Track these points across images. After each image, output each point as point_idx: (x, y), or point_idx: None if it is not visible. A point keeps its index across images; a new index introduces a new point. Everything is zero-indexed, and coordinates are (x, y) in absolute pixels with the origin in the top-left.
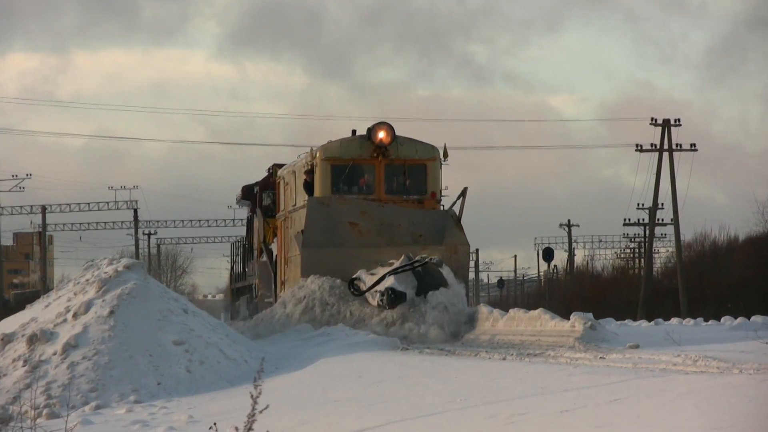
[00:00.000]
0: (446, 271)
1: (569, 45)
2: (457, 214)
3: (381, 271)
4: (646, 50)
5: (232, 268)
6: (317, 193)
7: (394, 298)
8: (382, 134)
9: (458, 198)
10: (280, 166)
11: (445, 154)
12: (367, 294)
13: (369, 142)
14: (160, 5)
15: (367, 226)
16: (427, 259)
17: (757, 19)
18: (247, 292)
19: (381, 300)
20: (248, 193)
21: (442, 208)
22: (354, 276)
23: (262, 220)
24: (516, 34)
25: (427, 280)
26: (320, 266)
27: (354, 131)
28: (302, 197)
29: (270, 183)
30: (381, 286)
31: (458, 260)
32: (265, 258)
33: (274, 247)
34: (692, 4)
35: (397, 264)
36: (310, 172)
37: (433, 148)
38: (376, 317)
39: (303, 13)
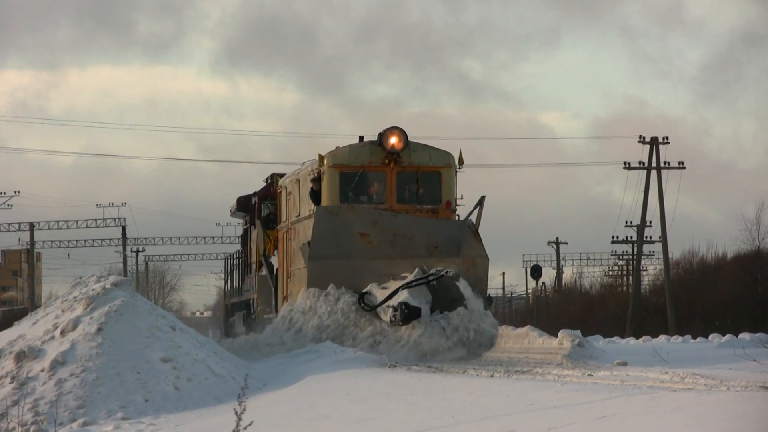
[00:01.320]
0: (463, 285)
1: (565, 61)
2: (475, 224)
3: (393, 284)
4: (641, 66)
5: (226, 283)
6: (324, 202)
7: (408, 313)
8: (393, 140)
9: (475, 207)
10: (281, 175)
11: (461, 161)
12: (378, 309)
13: (380, 148)
14: (156, 21)
15: (378, 236)
16: (442, 273)
17: (754, 35)
18: (244, 308)
19: (394, 316)
20: (244, 205)
21: (457, 218)
22: (364, 290)
23: (261, 231)
24: (512, 50)
25: (443, 295)
26: (328, 280)
27: (361, 137)
28: (307, 207)
29: (270, 193)
30: (394, 301)
31: (476, 273)
32: (264, 271)
33: (274, 260)
34: (689, 20)
35: (410, 277)
36: (317, 180)
37: (447, 154)
38: (393, 335)
39: (296, 29)
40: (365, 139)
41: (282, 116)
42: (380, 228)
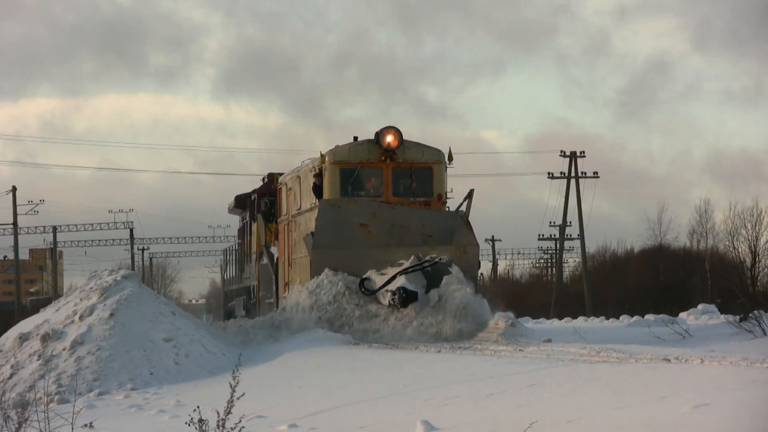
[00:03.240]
0: (455, 271)
1: (507, 86)
2: (465, 215)
3: (391, 271)
4: (570, 90)
5: (224, 272)
6: (326, 195)
7: (406, 297)
8: (389, 138)
9: (465, 199)
10: (279, 175)
11: (450, 158)
12: (378, 294)
13: (376, 146)
14: (164, 54)
15: (377, 227)
16: (436, 259)
17: (664, 64)
18: (244, 293)
19: (392, 299)
20: (242, 202)
21: (447, 209)
22: (364, 276)
23: (262, 224)
24: (464, 77)
25: (437, 280)
26: (330, 267)
27: (355, 138)
28: (309, 201)
29: (270, 190)
30: (392, 286)
31: (467, 260)
32: (265, 261)
33: (274, 249)
34: (612, 51)
35: (407, 264)
36: (318, 176)
37: (438, 151)
38: (392, 317)
39: (280, 60)
40: (359, 139)
41: (267, 135)
42: (379, 219)
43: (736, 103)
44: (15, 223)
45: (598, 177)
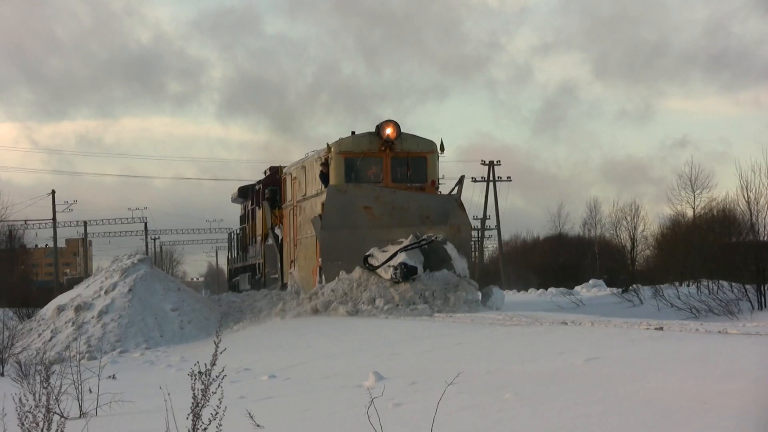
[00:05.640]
0: (450, 248)
1: (449, 107)
2: (459, 198)
3: (392, 248)
4: (496, 111)
5: (229, 252)
6: (332, 182)
7: (406, 272)
8: (389, 130)
9: (456, 185)
10: (280, 167)
11: (442, 148)
12: (380, 269)
13: (377, 138)
14: (179, 83)
15: (379, 209)
16: (433, 238)
17: (572, 89)
18: (249, 270)
19: (394, 274)
20: (245, 192)
21: (439, 193)
22: (367, 253)
23: (268, 209)
24: (415, 100)
25: (433, 256)
26: (337, 245)
27: (353, 132)
28: (315, 187)
29: (274, 180)
30: (394, 262)
31: (461, 238)
32: (271, 241)
33: (278, 232)
34: (533, 79)
35: (406, 242)
36: (325, 164)
37: (432, 143)
38: (397, 294)
39: (268, 87)
40: (358, 132)
41: (256, 148)
42: (381, 202)
43: (627, 120)
44: (54, 219)
45: (510, 180)
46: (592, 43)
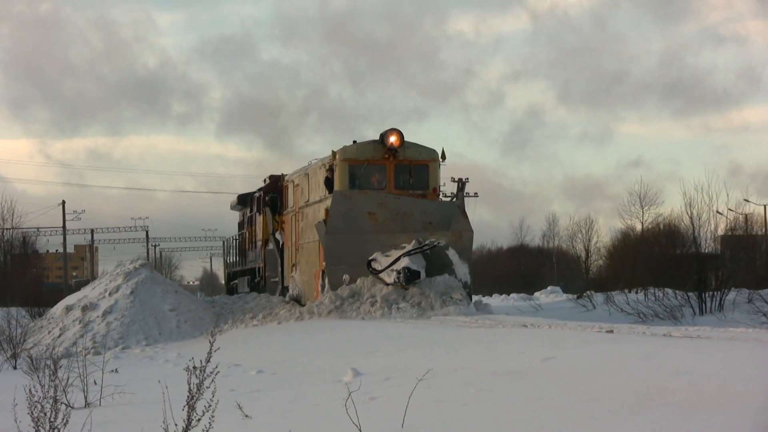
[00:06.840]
0: (452, 253)
1: (428, 129)
2: (461, 205)
3: (395, 253)
4: (470, 132)
5: (227, 257)
6: (337, 188)
7: (410, 276)
8: (393, 138)
9: (458, 191)
10: (279, 176)
11: (443, 156)
12: (383, 273)
13: (381, 146)
14: (183, 105)
15: (383, 215)
16: (435, 243)
17: (537, 112)
18: (248, 274)
19: (397, 278)
20: (244, 200)
21: (441, 200)
22: (371, 257)
23: (270, 215)
24: (396, 123)
25: (435, 261)
26: (342, 250)
27: (354, 141)
28: (318, 193)
29: (276, 188)
30: (397, 266)
31: (462, 244)
32: (271, 246)
33: (279, 237)
34: (504, 104)
35: (409, 247)
36: (330, 170)
37: (433, 151)
38: (403, 301)
39: (263, 108)
40: (358, 141)
41: (251, 164)
42: (385, 208)
43: (587, 142)
44: (64, 227)
45: (477, 196)
46: (558, 71)
